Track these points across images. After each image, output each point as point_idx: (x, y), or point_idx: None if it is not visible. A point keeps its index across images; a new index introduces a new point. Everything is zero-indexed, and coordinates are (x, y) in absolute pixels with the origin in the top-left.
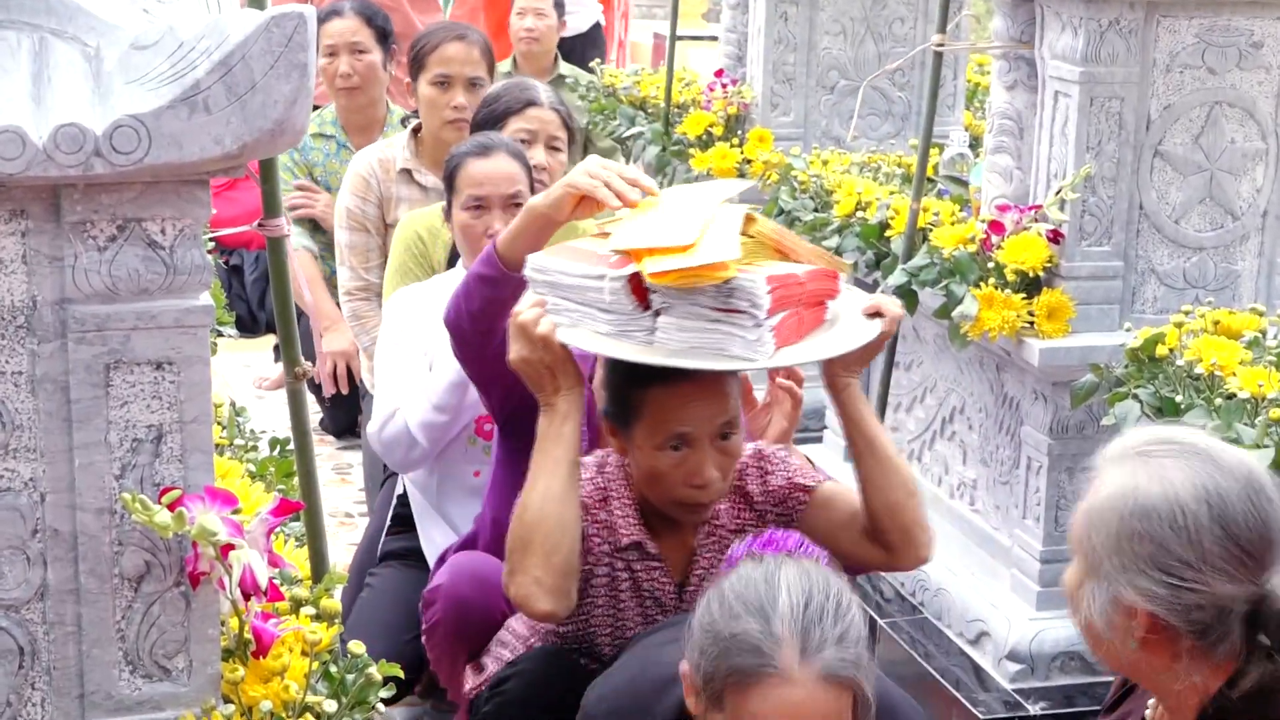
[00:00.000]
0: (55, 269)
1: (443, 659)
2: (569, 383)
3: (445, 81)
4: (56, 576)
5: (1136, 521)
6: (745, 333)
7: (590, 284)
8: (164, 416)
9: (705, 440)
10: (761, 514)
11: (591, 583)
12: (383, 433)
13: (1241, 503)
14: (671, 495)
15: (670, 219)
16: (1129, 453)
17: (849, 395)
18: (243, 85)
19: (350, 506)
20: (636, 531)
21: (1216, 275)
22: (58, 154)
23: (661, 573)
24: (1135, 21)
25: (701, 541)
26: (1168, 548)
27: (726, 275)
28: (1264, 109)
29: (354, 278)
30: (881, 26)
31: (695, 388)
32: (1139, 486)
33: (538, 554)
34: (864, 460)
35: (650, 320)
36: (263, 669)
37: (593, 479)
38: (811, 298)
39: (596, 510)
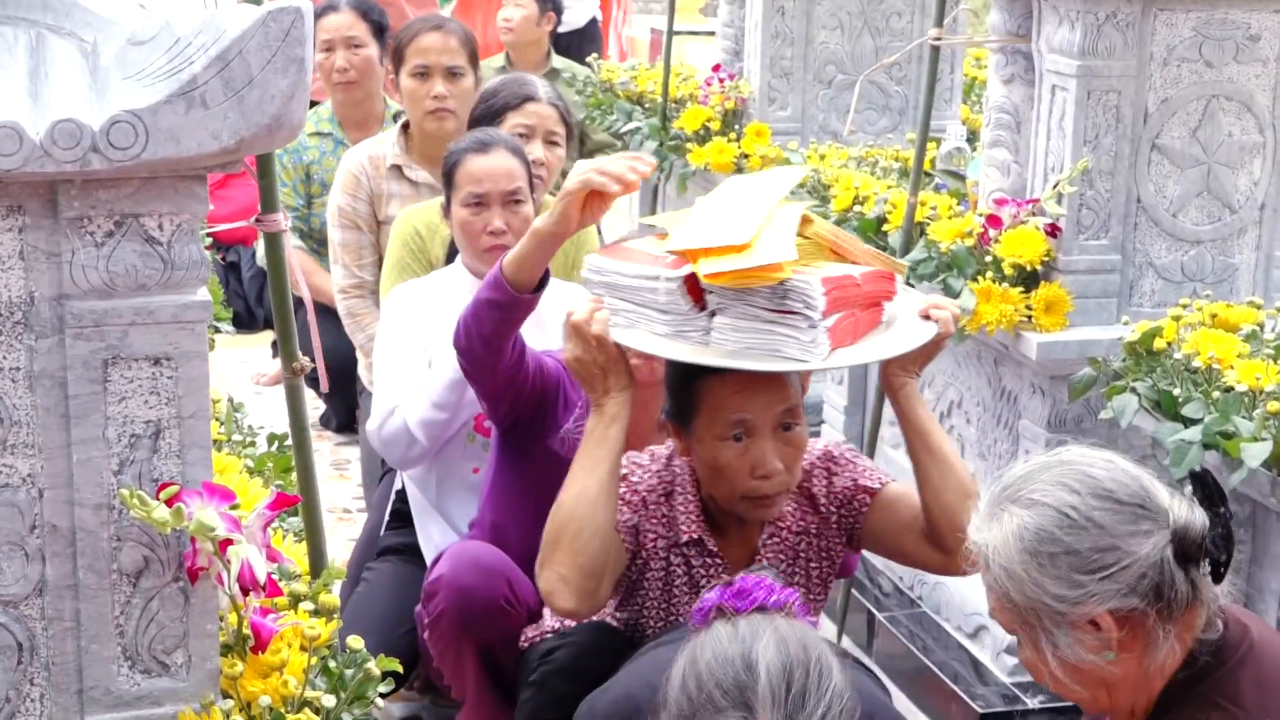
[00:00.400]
0: (53, 265)
1: (447, 652)
2: (619, 385)
3: (424, 72)
4: (55, 572)
5: (1040, 549)
6: (800, 334)
7: (646, 284)
8: (162, 412)
9: (766, 429)
10: (826, 516)
11: (646, 576)
12: (382, 430)
13: (1100, 471)
14: (737, 489)
15: (727, 218)
16: (984, 520)
17: (905, 395)
18: (240, 80)
19: (348, 502)
20: (697, 528)
21: (1214, 268)
22: (55, 150)
23: (721, 569)
24: (1132, 15)
25: (765, 542)
26: (1079, 549)
27: (781, 276)
28: (1261, 102)
29: (348, 275)
30: (878, 21)
31: (752, 377)
32: (1019, 525)
33: (565, 551)
34: (921, 461)
35: (706, 321)
36: (261, 664)
37: (659, 472)
38: (868, 299)
39: (658, 505)
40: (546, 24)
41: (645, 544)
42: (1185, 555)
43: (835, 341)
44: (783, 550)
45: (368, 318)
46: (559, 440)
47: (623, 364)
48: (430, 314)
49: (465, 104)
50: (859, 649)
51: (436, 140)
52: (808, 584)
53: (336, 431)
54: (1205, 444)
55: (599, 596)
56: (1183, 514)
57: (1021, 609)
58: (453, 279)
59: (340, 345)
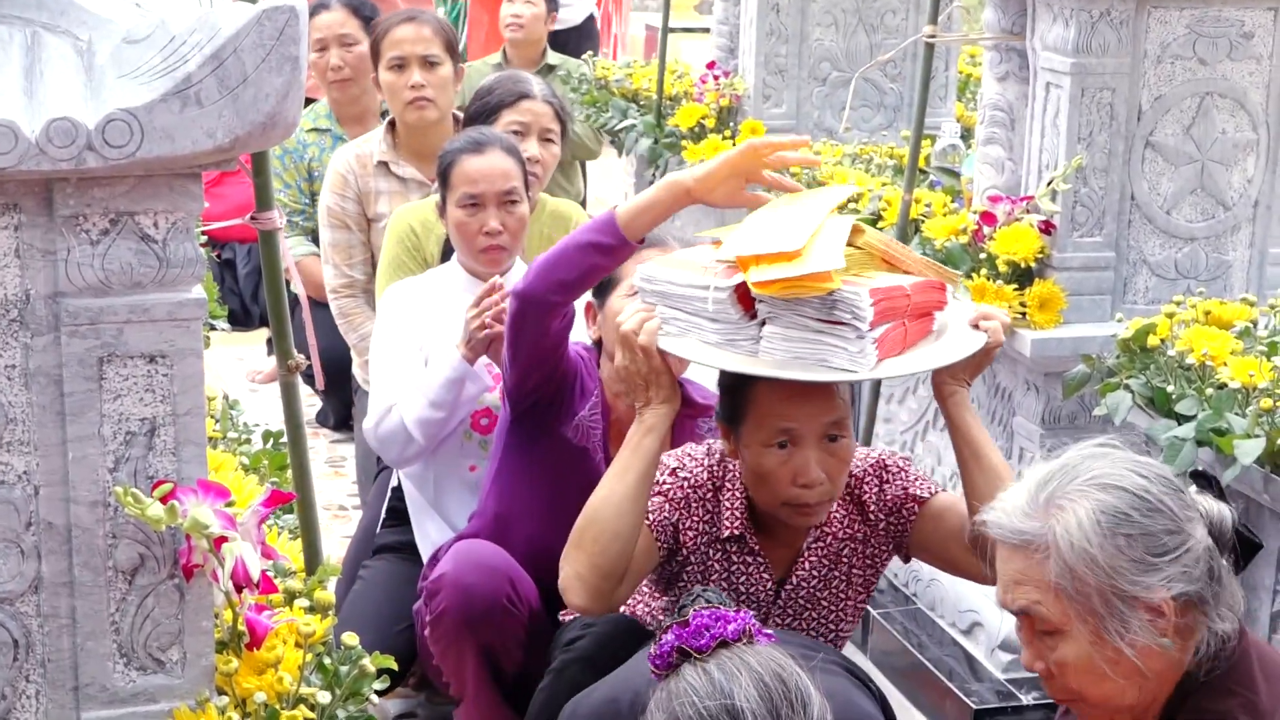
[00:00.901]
0: (48, 263)
1: (448, 650)
2: (660, 397)
3: (400, 64)
4: (50, 569)
5: (1118, 529)
6: (848, 344)
7: (697, 293)
8: (157, 410)
9: (811, 439)
10: (874, 525)
11: (685, 570)
12: (379, 429)
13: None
14: (778, 495)
15: (779, 227)
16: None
17: (955, 404)
18: (234, 79)
19: (344, 499)
20: (740, 525)
21: (1208, 266)
22: (50, 148)
23: (762, 568)
24: (1126, 12)
25: (810, 545)
26: (1153, 532)
27: (830, 286)
28: (1255, 99)
29: (338, 275)
30: (873, 18)
31: (800, 386)
32: (1094, 508)
33: (586, 551)
34: (969, 469)
35: (756, 330)
36: (256, 661)
37: (712, 467)
38: (918, 309)
39: (703, 501)
40: (550, 23)
41: (685, 541)
42: (1221, 545)
43: (884, 352)
44: (826, 555)
45: (360, 317)
46: (573, 427)
47: (667, 377)
48: (426, 312)
49: (444, 92)
50: (854, 646)
51: (420, 133)
52: (847, 588)
53: (332, 429)
54: (1199, 441)
55: (615, 598)
56: (1211, 506)
57: (1091, 594)
58: (448, 277)
59: (336, 342)
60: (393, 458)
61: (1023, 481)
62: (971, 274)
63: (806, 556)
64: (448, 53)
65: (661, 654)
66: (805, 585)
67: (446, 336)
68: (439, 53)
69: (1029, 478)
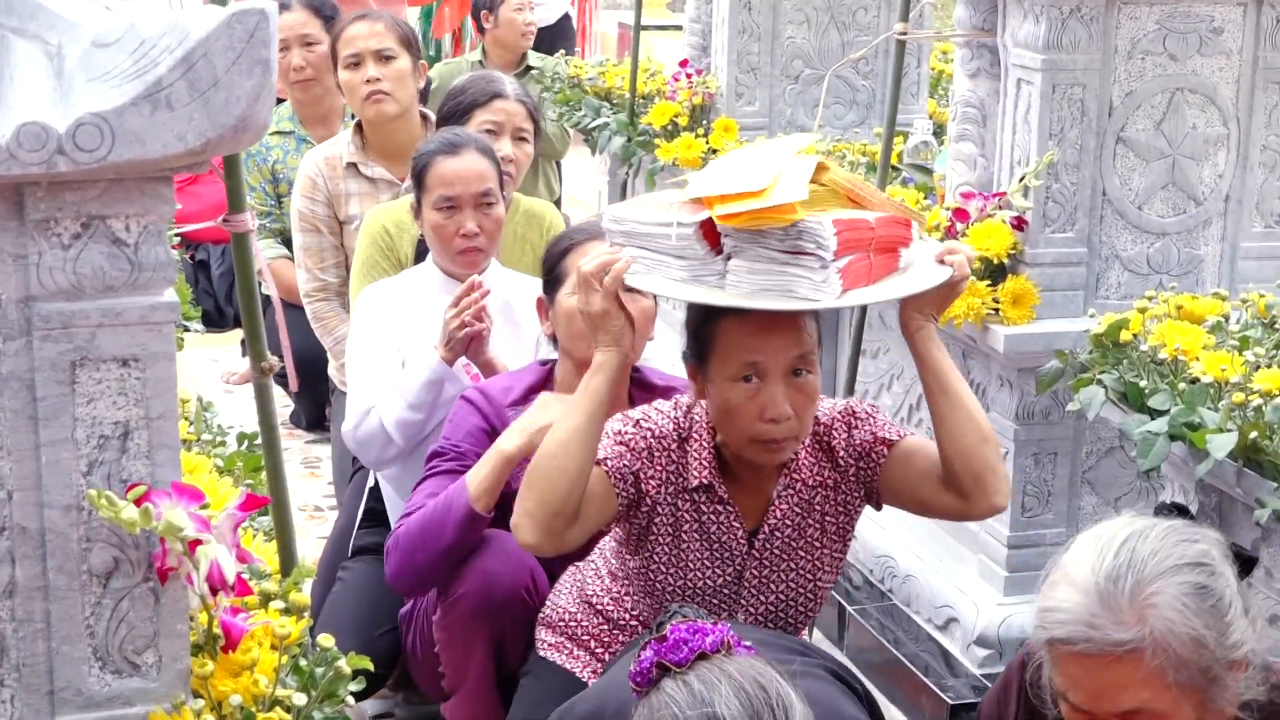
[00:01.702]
0: (20, 267)
1: (458, 637)
2: (607, 341)
3: (356, 61)
4: (25, 574)
5: (1205, 606)
6: (812, 274)
7: (663, 230)
8: (130, 413)
9: (777, 373)
10: (844, 470)
11: (654, 522)
12: (357, 431)
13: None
14: (745, 431)
15: (744, 168)
16: (1122, 613)
17: (922, 339)
18: (205, 82)
19: (319, 500)
20: (708, 474)
21: (1180, 260)
22: (20, 152)
23: (733, 517)
24: (1096, 8)
25: (780, 492)
26: (1224, 594)
27: (794, 218)
28: (1225, 94)
29: (310, 279)
30: (845, 15)
31: (766, 320)
32: (1179, 594)
33: (535, 489)
34: (938, 404)
35: (722, 264)
36: (232, 663)
37: (677, 420)
38: (883, 243)
39: (668, 450)
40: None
41: (649, 491)
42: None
43: (849, 283)
44: (798, 503)
45: (334, 320)
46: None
47: (617, 321)
48: (402, 313)
49: (403, 86)
50: (830, 642)
51: (386, 132)
52: (822, 537)
53: (307, 429)
54: (1171, 435)
55: (566, 538)
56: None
57: (1199, 674)
58: (424, 278)
59: (310, 343)
60: (371, 460)
61: (1073, 585)
62: None
63: (778, 504)
64: (403, 47)
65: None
66: (779, 534)
67: (423, 337)
68: (394, 46)
69: (1082, 579)
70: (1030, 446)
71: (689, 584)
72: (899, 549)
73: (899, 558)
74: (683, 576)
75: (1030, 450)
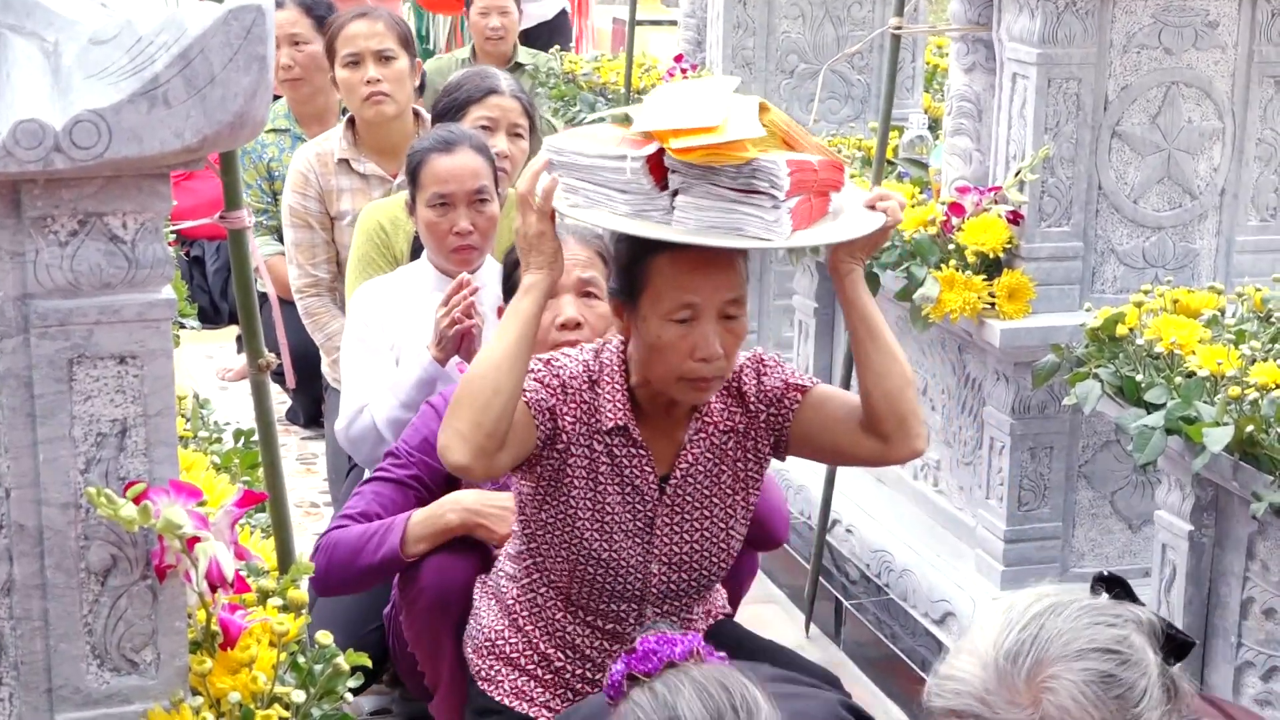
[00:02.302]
0: (16, 264)
1: (424, 634)
2: (540, 262)
3: (355, 60)
4: (23, 571)
5: (1108, 695)
6: (764, 213)
7: (609, 164)
8: (128, 410)
9: (712, 313)
10: (755, 415)
11: (569, 464)
12: (350, 429)
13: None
14: (675, 370)
15: (691, 105)
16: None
17: (852, 282)
18: (202, 78)
19: (315, 496)
20: (623, 416)
21: (1175, 254)
22: (17, 150)
23: (645, 461)
24: (1092, 2)
25: (691, 437)
26: (1133, 683)
27: (749, 155)
28: (1220, 88)
29: (302, 275)
30: (840, 10)
31: (704, 258)
32: (1083, 678)
33: (467, 409)
34: (865, 347)
35: (667, 200)
36: (230, 660)
37: (585, 362)
38: (821, 186)
39: (580, 391)
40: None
41: (564, 428)
42: (1169, 653)
43: (795, 224)
44: (709, 448)
45: (326, 316)
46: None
47: (549, 243)
48: (397, 311)
49: (401, 87)
50: (827, 637)
51: (380, 129)
52: (734, 485)
53: (303, 426)
54: (1168, 429)
55: (497, 461)
56: (1141, 616)
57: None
58: (418, 275)
59: (306, 340)
60: (364, 458)
61: (974, 655)
62: (940, 265)
63: (689, 449)
64: (403, 47)
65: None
66: (690, 480)
67: (417, 335)
68: (393, 47)
69: (983, 651)
70: (1026, 441)
71: (605, 529)
72: (895, 544)
73: (895, 552)
74: (599, 520)
75: (1026, 444)
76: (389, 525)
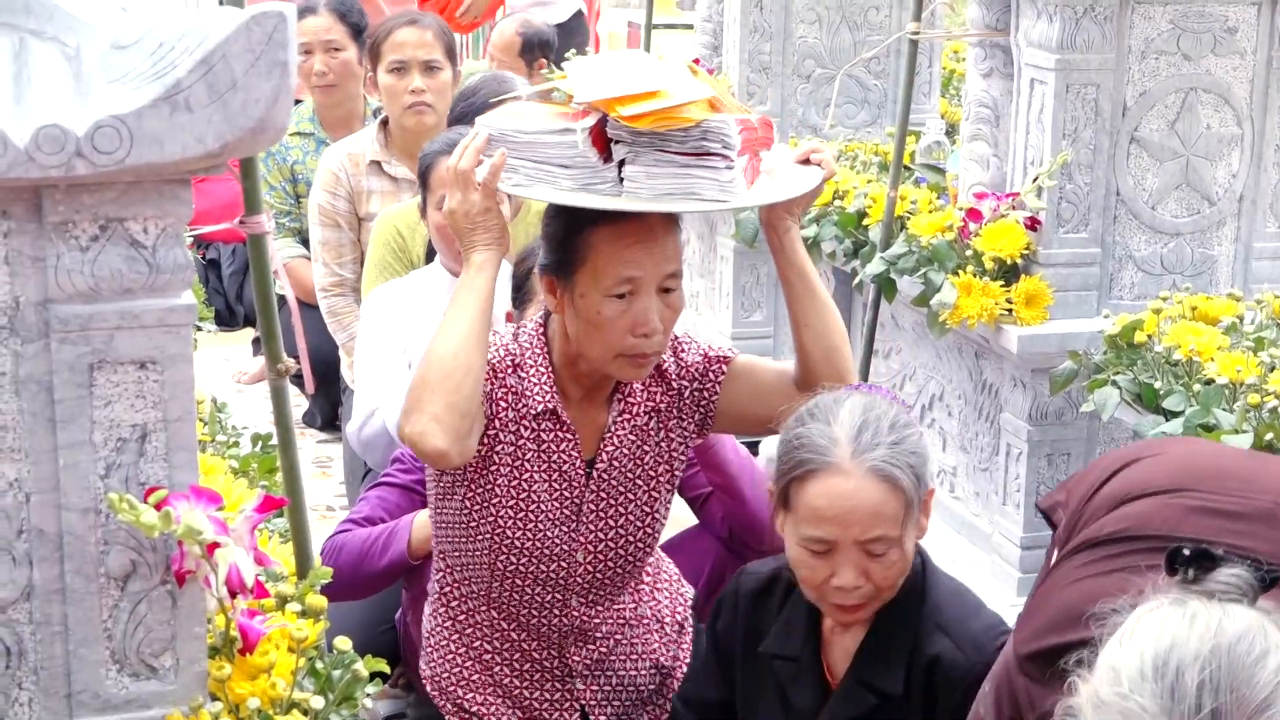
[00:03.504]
0: (38, 269)
1: None
2: (487, 240)
3: (401, 67)
4: (43, 576)
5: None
6: (718, 175)
7: (550, 139)
8: (148, 415)
9: (652, 287)
10: (679, 391)
11: (496, 450)
12: (362, 432)
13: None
14: (614, 346)
15: (626, 72)
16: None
17: (790, 239)
18: (224, 84)
19: (331, 500)
20: (550, 399)
21: (1193, 261)
22: (39, 155)
23: (572, 445)
24: (1110, 8)
25: (615, 419)
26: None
27: (701, 117)
28: (1239, 94)
29: (328, 274)
30: (857, 14)
31: (644, 231)
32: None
33: (439, 392)
34: (802, 304)
35: (614, 172)
36: (249, 666)
37: (506, 346)
38: (759, 144)
39: (505, 374)
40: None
41: (497, 413)
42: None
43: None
44: (633, 430)
45: (349, 315)
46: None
47: (495, 218)
48: (410, 314)
49: (443, 98)
50: None
51: (416, 135)
52: (657, 467)
53: (320, 429)
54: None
55: (469, 443)
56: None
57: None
58: (431, 279)
59: (325, 343)
60: (376, 461)
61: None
62: (957, 270)
63: (614, 432)
64: (448, 58)
65: None
66: (616, 463)
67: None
68: (440, 58)
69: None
70: (1044, 447)
71: (529, 516)
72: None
73: None
74: (523, 508)
75: (1044, 451)
76: (393, 529)
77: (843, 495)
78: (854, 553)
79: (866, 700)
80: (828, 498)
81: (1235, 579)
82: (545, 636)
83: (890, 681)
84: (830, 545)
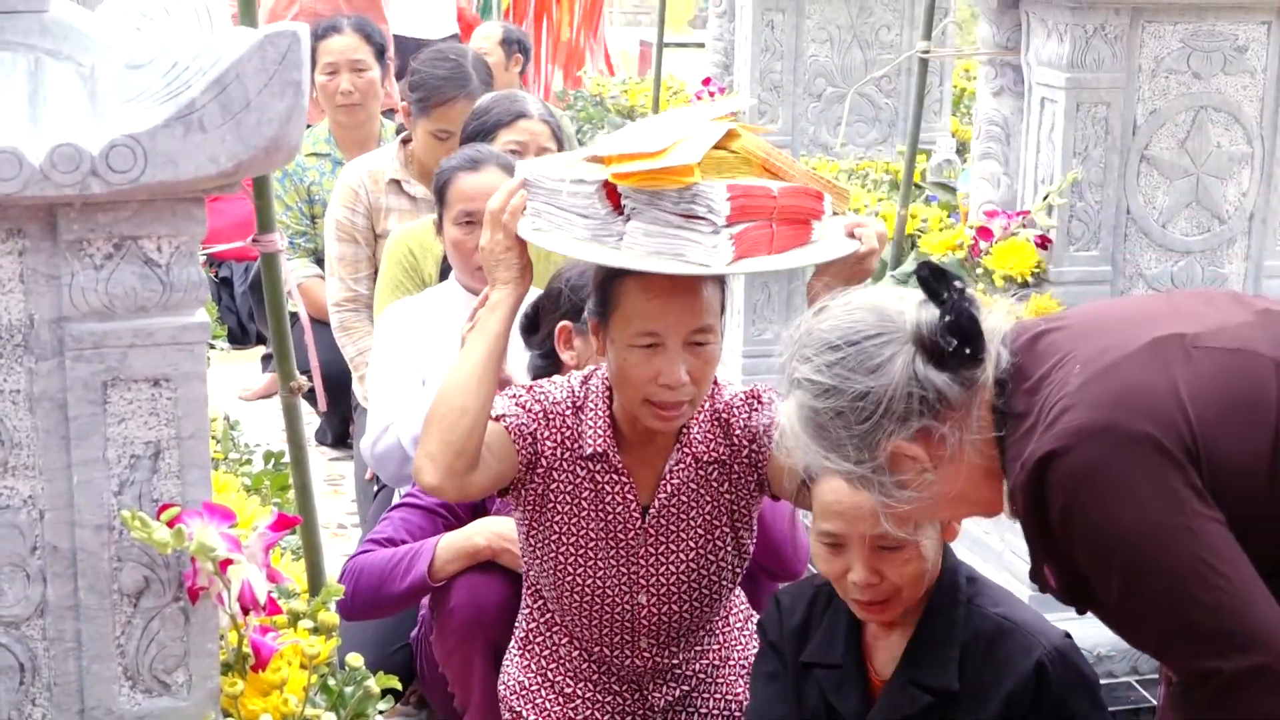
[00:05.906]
0: (52, 287)
1: (456, 653)
2: (506, 277)
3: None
4: (56, 593)
5: (815, 422)
6: (703, 239)
7: (569, 188)
8: (161, 433)
9: (676, 342)
10: (737, 450)
11: (552, 488)
12: (375, 448)
13: (828, 323)
14: (639, 393)
15: (653, 131)
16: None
17: None
18: (237, 103)
19: (343, 518)
20: (603, 442)
21: (1204, 279)
22: (54, 174)
23: (627, 488)
24: (1120, 27)
25: (673, 466)
26: (841, 409)
27: (688, 180)
28: (1249, 113)
29: (343, 289)
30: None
31: (668, 286)
32: (791, 412)
33: (435, 430)
34: None
35: (622, 226)
36: (262, 682)
37: (572, 389)
38: (789, 213)
39: (563, 417)
40: (514, 66)
41: (544, 453)
42: (933, 357)
43: (744, 250)
44: (690, 478)
45: (360, 331)
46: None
47: (517, 258)
48: (424, 331)
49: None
50: None
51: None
52: (716, 516)
53: (331, 446)
54: None
55: (469, 482)
56: (918, 318)
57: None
58: (446, 296)
59: (337, 359)
60: (390, 476)
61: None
62: None
63: (669, 479)
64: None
65: None
66: (672, 509)
67: (444, 355)
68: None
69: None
70: None
71: (586, 556)
72: None
73: None
74: (581, 547)
75: None
76: (416, 550)
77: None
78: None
79: (918, 700)
80: (835, 494)
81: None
82: (623, 676)
83: (945, 677)
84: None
